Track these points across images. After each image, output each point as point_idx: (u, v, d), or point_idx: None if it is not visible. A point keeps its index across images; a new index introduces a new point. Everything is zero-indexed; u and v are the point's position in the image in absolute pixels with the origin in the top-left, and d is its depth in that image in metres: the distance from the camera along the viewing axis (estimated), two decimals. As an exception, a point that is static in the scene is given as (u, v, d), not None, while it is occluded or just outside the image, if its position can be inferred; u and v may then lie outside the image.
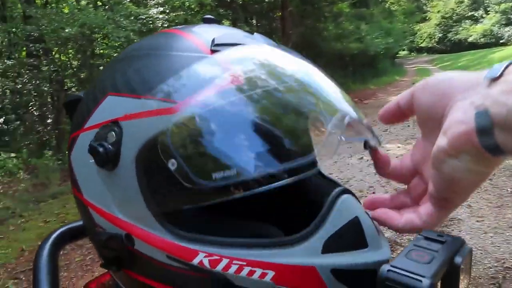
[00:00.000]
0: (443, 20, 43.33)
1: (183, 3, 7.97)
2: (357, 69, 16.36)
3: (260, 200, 0.67)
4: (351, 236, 0.44)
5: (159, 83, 0.46)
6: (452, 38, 42.05)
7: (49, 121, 7.40)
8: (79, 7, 5.90)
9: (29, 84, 6.45)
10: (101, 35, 6.43)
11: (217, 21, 0.60)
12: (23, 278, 2.83)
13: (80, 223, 0.69)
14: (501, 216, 3.11)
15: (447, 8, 42.71)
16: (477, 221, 3.09)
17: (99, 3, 7.50)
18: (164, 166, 0.44)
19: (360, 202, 0.48)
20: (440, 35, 43.99)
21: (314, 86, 0.50)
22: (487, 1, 38.22)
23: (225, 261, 0.44)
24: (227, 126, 0.45)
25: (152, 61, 0.49)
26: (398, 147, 5.55)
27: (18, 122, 6.78)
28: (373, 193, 3.85)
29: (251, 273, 0.43)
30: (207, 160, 0.44)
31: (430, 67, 24.43)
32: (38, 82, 6.42)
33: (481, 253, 2.65)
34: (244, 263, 0.43)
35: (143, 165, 0.46)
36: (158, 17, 6.68)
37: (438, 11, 43.66)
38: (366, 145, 0.47)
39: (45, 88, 6.62)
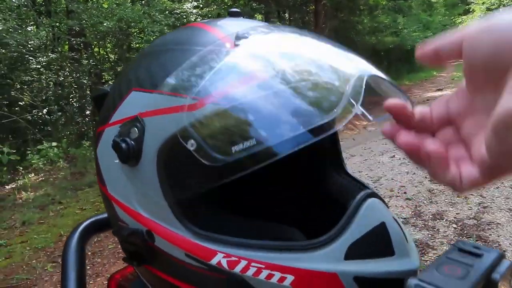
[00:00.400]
0: (489, 12, 41.21)
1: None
2: (392, 64, 15.86)
3: (283, 199, 0.67)
4: (377, 242, 0.42)
5: (182, 79, 0.45)
6: (497, 32, 39.88)
7: (87, 112, 7.68)
8: (117, 1, 6.05)
9: (70, 77, 6.72)
10: (137, 29, 6.59)
11: (243, 14, 0.59)
12: (60, 262, 2.97)
13: (106, 215, 0.72)
14: (544, 221, 2.95)
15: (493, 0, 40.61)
16: (518, 225, 2.94)
17: (136, -2, 7.69)
18: (184, 159, 0.43)
19: (387, 206, 0.46)
20: (484, 28, 41.86)
21: (326, 61, 0.46)
22: (538, -8, 35.96)
23: (243, 263, 0.43)
24: (245, 110, 0.43)
25: (176, 56, 0.48)
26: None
27: (60, 113, 7.10)
28: (405, 193, 3.75)
29: (269, 276, 0.42)
30: (226, 136, 0.42)
31: (472, 62, 23.27)
32: (78, 75, 6.68)
33: (520, 259, 2.52)
34: (263, 266, 0.43)
35: (163, 160, 0.46)
36: (191, 12, 6.75)
37: (483, 3, 41.49)
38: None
39: (85, 81, 6.87)
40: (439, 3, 22.94)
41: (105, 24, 5.27)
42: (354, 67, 0.45)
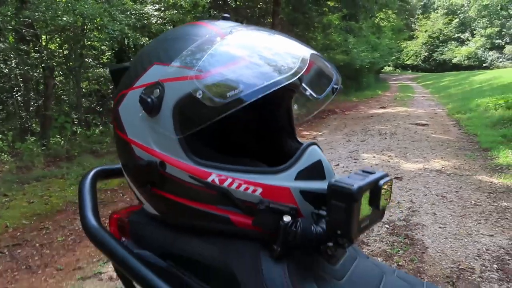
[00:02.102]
0: (430, 39, 44.53)
1: (175, 3, 8.13)
2: (341, 81, 16.67)
3: (255, 154, 0.90)
4: (315, 171, 0.65)
5: (193, 58, 0.66)
6: (437, 58, 43.25)
7: (32, 108, 7.35)
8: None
9: (17, 69, 6.44)
10: (94, 26, 6.50)
11: (231, 19, 0.82)
12: (6, 253, 2.91)
13: (112, 167, 0.88)
14: (462, 225, 3.37)
15: (435, 28, 43.91)
16: (440, 227, 3.33)
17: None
18: (193, 108, 0.64)
19: (323, 151, 0.69)
20: (426, 54, 45.17)
21: (284, 45, 0.73)
22: (474, 25, 39.54)
23: (229, 180, 0.65)
24: (235, 74, 0.64)
25: (186, 42, 0.69)
26: (374, 156, 5.83)
27: (1, 107, 6.75)
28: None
29: (246, 189, 0.64)
30: (222, 89, 0.63)
31: (413, 84, 25.12)
32: (27, 68, 6.42)
33: (440, 255, 2.88)
34: (242, 182, 0.64)
35: (178, 110, 0.65)
36: (153, 14, 6.81)
37: (426, 31, 44.84)
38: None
39: (36, 74, 6.62)
40: (386, 27, 24.48)
41: (64, 18, 5.16)
42: (302, 49, 0.70)
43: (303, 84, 0.84)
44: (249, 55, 0.68)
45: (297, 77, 0.64)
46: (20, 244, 3.05)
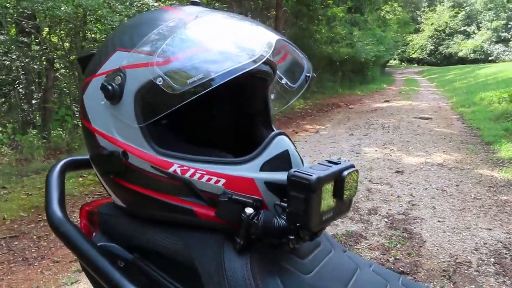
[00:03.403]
0: (436, 33, 44.09)
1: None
2: (346, 74, 16.59)
3: (231, 141, 0.88)
4: (281, 162, 0.63)
5: (155, 44, 0.63)
6: (443, 51, 42.85)
7: (34, 101, 7.35)
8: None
9: (18, 61, 6.43)
10: (95, 17, 6.46)
11: (202, 4, 0.79)
12: (3, 244, 2.92)
13: (82, 157, 0.86)
14: (461, 218, 3.34)
15: (440, 21, 43.44)
16: (439, 221, 3.30)
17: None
18: (154, 95, 0.62)
19: (292, 142, 0.66)
20: (432, 47, 44.75)
21: (249, 34, 0.70)
22: (480, 18, 39.06)
23: (191, 171, 0.63)
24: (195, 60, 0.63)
25: (150, 27, 0.67)
26: (376, 150, 5.78)
27: (3, 99, 6.75)
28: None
29: (209, 179, 0.62)
30: (183, 75, 0.61)
31: (419, 78, 24.91)
32: (28, 60, 6.41)
33: (437, 249, 2.86)
34: (205, 173, 0.62)
35: (139, 98, 0.63)
36: (153, 5, 6.78)
37: (432, 24, 44.38)
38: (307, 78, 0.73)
39: (35, 66, 6.61)
40: (392, 20, 24.23)
41: (62, 8, 5.14)
42: (268, 35, 0.68)
43: (278, 73, 0.81)
44: (212, 41, 0.65)
45: (260, 63, 0.61)
46: (17, 236, 3.06)
